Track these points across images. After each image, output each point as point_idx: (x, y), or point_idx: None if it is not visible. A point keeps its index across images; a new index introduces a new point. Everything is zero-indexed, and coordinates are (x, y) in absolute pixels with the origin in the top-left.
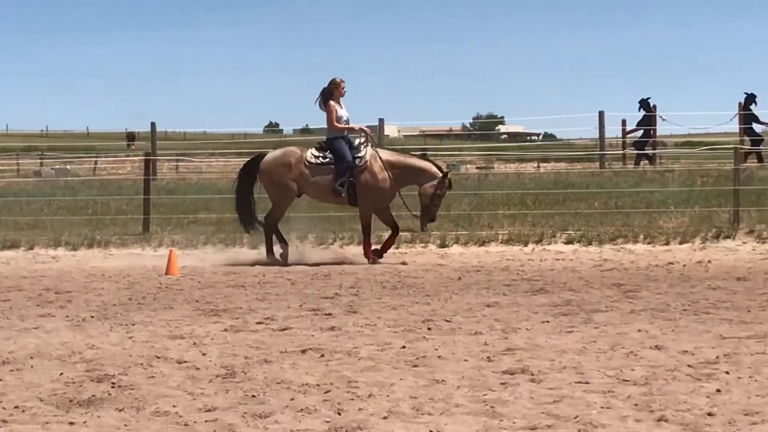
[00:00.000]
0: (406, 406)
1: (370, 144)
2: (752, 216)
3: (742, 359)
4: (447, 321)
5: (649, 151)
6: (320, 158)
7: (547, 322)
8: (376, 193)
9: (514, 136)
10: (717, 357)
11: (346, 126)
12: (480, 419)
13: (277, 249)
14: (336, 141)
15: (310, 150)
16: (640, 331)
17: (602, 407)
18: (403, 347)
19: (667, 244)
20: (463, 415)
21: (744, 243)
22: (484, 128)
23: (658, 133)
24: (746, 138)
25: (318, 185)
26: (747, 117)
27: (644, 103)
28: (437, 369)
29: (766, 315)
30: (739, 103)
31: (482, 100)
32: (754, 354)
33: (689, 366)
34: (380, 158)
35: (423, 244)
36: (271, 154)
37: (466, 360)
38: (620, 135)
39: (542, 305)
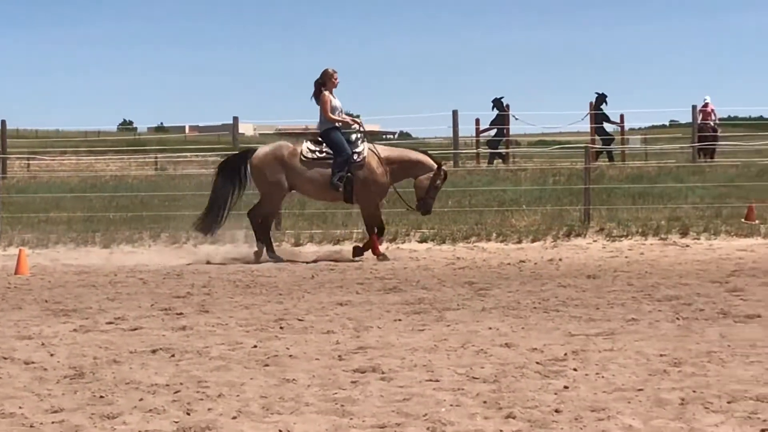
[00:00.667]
0: (255, 406)
1: (366, 139)
2: (602, 214)
3: (590, 356)
4: (299, 320)
5: (503, 150)
6: (317, 152)
7: (400, 320)
8: (375, 189)
9: (369, 135)
10: (565, 354)
11: (341, 118)
12: (330, 418)
13: (258, 245)
14: (331, 132)
15: (305, 144)
16: (490, 328)
17: (451, 405)
18: (255, 346)
19: (520, 242)
20: (313, 414)
21: (594, 241)
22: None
23: (511, 133)
24: (597, 137)
25: (314, 181)
26: (598, 116)
27: (497, 103)
28: (288, 368)
29: (614, 312)
30: (591, 103)
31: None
32: (602, 351)
33: (538, 363)
34: (377, 153)
35: (276, 243)
36: (262, 149)
37: (317, 359)
38: (474, 134)
39: (395, 303)
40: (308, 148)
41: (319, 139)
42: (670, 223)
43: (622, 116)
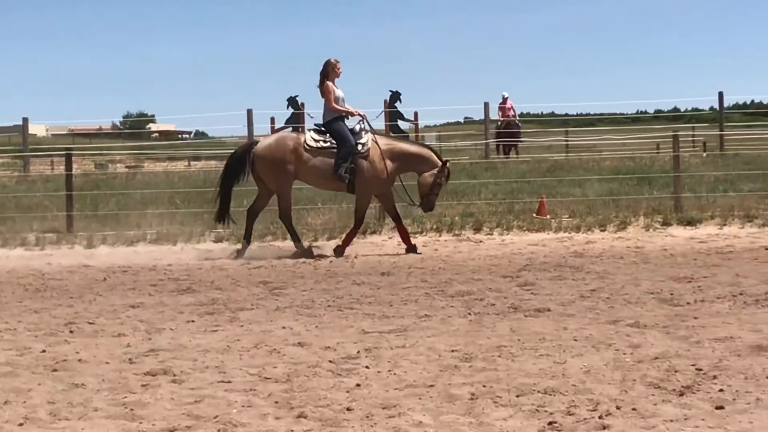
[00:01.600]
0: (43, 412)
1: (369, 130)
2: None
3: (383, 353)
4: (90, 323)
5: None
6: (320, 142)
7: (193, 321)
8: (376, 180)
9: (165, 135)
10: (358, 352)
11: (345, 109)
12: (119, 422)
13: (245, 244)
14: (335, 123)
15: (308, 133)
16: (284, 328)
17: (243, 406)
18: (44, 351)
19: (315, 240)
20: (102, 419)
21: (390, 238)
22: (135, 127)
23: None
24: (392, 135)
25: (318, 170)
26: (392, 114)
27: (292, 101)
28: (77, 373)
29: (408, 309)
30: (385, 101)
31: (132, 98)
32: (394, 348)
33: (331, 362)
34: (379, 145)
35: (69, 245)
36: (266, 141)
37: (107, 363)
38: (270, 133)
39: (188, 305)
40: (312, 137)
41: (323, 129)
42: (464, 219)
43: (416, 114)
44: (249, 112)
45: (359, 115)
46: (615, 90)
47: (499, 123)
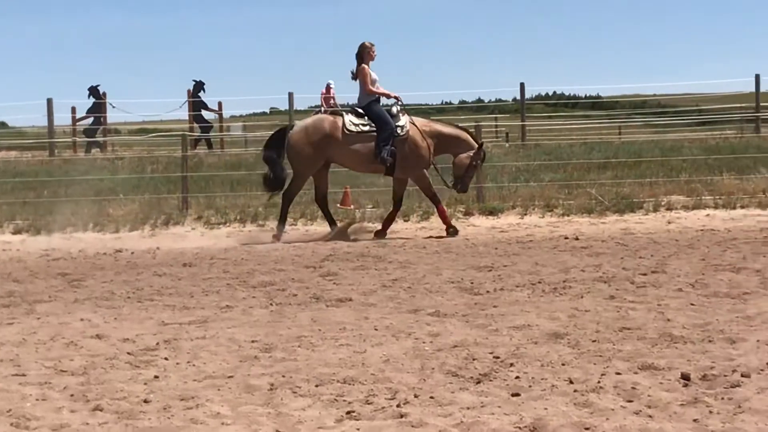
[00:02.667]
0: None
1: (406, 112)
2: (201, 202)
3: (182, 345)
4: None
5: (100, 139)
6: (360, 126)
7: None
8: (422, 160)
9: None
10: (157, 343)
11: (381, 91)
12: None
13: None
14: (374, 106)
15: (347, 117)
16: (82, 320)
17: (38, 399)
18: None
19: (117, 231)
20: None
21: (193, 229)
22: None
23: (111, 121)
24: (196, 125)
25: (358, 154)
26: (196, 104)
27: (93, 91)
28: None
29: (209, 300)
30: (188, 90)
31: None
32: (194, 339)
33: (129, 354)
34: (418, 126)
35: None
36: (302, 124)
37: None
38: (70, 122)
39: None
40: (351, 121)
41: (361, 112)
42: (268, 209)
43: (220, 104)
44: (49, 101)
45: (395, 97)
46: (420, 81)
47: (321, 112)
